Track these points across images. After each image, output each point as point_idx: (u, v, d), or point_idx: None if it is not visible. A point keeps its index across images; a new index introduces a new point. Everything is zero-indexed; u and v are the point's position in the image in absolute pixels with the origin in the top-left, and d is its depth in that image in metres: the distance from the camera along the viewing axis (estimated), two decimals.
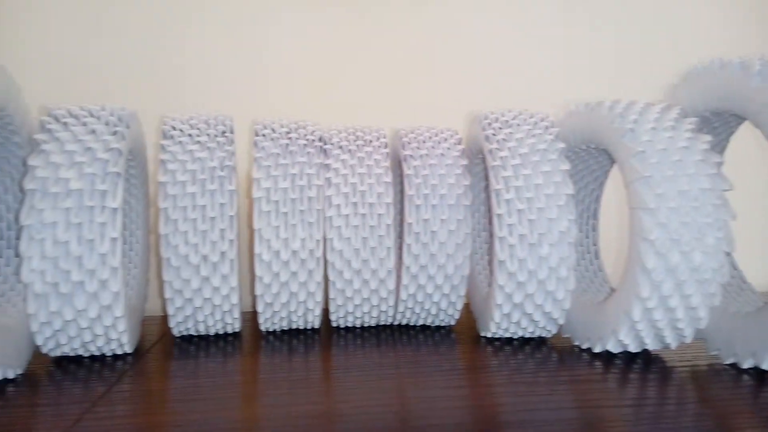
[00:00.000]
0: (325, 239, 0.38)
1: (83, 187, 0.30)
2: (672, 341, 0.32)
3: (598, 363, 0.33)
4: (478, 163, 0.44)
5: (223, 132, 0.38)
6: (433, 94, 0.56)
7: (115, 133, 0.32)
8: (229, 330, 0.40)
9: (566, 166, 0.34)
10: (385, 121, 0.45)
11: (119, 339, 0.33)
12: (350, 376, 0.33)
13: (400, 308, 0.40)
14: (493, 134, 0.36)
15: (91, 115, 0.33)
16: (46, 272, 0.30)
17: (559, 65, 0.57)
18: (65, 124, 0.31)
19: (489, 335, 0.38)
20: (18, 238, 0.35)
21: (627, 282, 0.30)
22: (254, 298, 0.38)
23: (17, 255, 0.35)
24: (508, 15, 0.58)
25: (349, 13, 0.56)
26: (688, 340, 0.32)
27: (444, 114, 0.49)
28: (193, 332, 0.39)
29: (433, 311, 0.40)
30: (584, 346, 0.35)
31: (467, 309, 0.45)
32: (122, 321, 0.32)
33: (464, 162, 0.39)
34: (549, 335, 0.39)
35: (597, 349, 0.34)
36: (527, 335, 0.38)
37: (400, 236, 0.44)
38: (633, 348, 0.33)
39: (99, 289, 0.30)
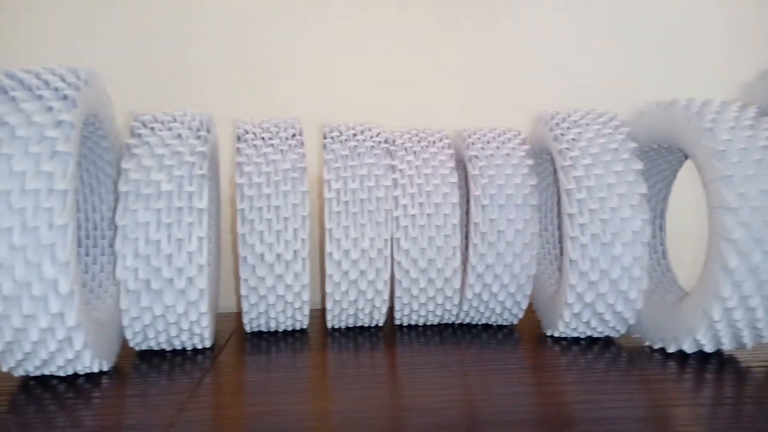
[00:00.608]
0: (392, 239, 0.39)
1: (172, 189, 0.32)
2: (749, 341, 0.32)
3: (671, 363, 0.34)
4: (540, 162, 0.44)
5: (293, 135, 0.40)
6: (494, 94, 0.57)
7: (198, 137, 0.34)
8: (298, 326, 0.42)
9: (639, 165, 0.34)
10: (443, 123, 0.46)
11: (202, 334, 0.35)
12: (416, 373, 0.35)
13: (465, 307, 0.41)
14: (562, 134, 0.37)
15: (175, 120, 0.35)
16: (138, 269, 0.32)
17: (562, 66, 0.57)
18: (152, 129, 0.33)
19: (556, 334, 0.39)
20: (104, 237, 0.38)
21: (706, 281, 0.30)
22: (323, 295, 0.40)
23: (104, 253, 0.38)
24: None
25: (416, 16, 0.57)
26: (766, 340, 0.32)
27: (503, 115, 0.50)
28: (264, 328, 0.41)
29: (498, 310, 0.41)
30: (656, 347, 0.36)
31: (529, 308, 0.45)
32: (206, 317, 0.34)
33: (530, 162, 0.40)
34: (617, 335, 0.39)
35: (671, 350, 0.34)
36: (595, 335, 0.39)
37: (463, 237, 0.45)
38: (709, 348, 0.33)
39: (187, 286, 0.32)
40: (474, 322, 0.43)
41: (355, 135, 0.41)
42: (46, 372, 0.30)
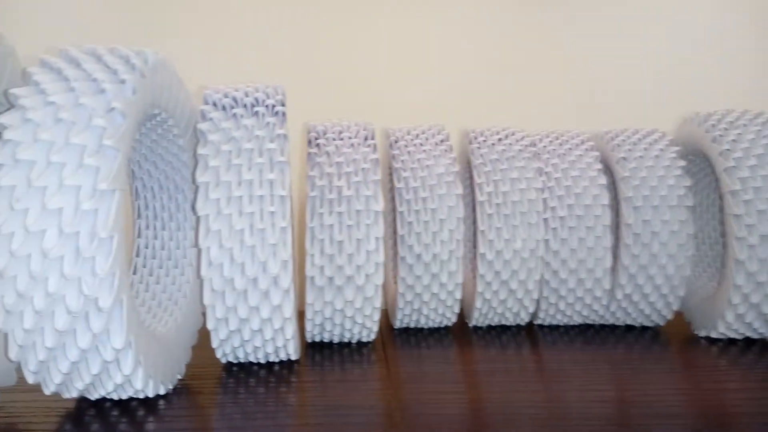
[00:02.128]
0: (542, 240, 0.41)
1: (253, 178, 0.30)
2: None
3: None
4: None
5: (442, 140, 0.43)
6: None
7: (276, 112, 0.33)
8: (445, 323, 0.45)
9: None
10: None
11: (286, 346, 0.34)
12: (564, 370, 0.37)
13: (612, 307, 0.43)
14: (721, 135, 0.38)
15: (246, 96, 0.33)
16: (223, 266, 0.30)
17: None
18: (224, 108, 0.32)
19: (713, 335, 0.40)
20: (179, 247, 0.37)
21: None
22: (474, 294, 0.43)
23: (176, 265, 0.37)
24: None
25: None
26: None
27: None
28: (413, 325, 0.45)
29: (647, 311, 0.42)
30: None
31: None
32: (291, 324, 0.33)
33: (682, 163, 0.41)
34: None
35: None
36: (755, 336, 0.39)
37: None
38: None
39: (271, 285, 0.31)
40: (619, 323, 0.45)
41: (500, 139, 0.43)
42: (98, 395, 0.28)
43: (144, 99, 0.26)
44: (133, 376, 0.26)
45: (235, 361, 0.35)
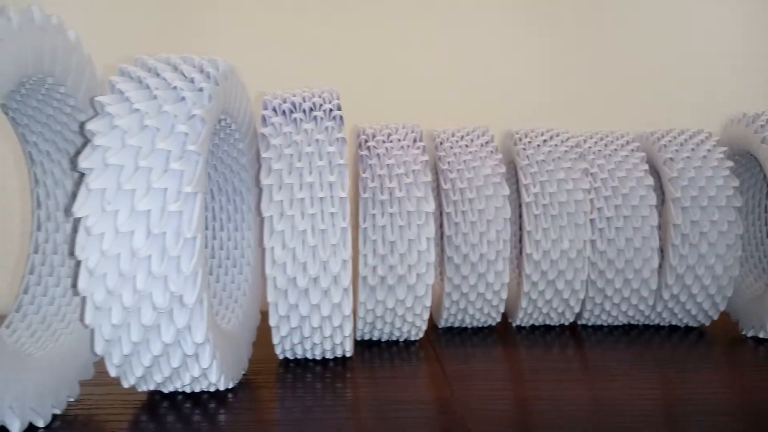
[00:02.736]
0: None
1: (314, 180, 0.32)
2: None
3: None
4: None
5: (487, 141, 0.44)
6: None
7: (334, 117, 0.34)
8: (489, 323, 0.46)
9: None
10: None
11: (343, 343, 0.36)
12: (609, 369, 0.38)
13: (658, 308, 0.44)
14: None
15: (305, 101, 0.35)
16: (286, 265, 0.32)
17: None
18: (285, 113, 0.34)
19: (761, 335, 0.40)
20: (236, 247, 0.39)
21: None
22: (518, 294, 0.44)
23: (235, 265, 0.38)
24: None
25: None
26: None
27: None
28: (457, 324, 0.46)
29: (693, 311, 0.43)
30: None
31: None
32: (349, 321, 0.34)
33: (730, 164, 0.41)
34: None
35: None
36: None
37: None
38: None
39: (331, 284, 0.32)
40: (664, 323, 0.45)
41: (545, 141, 0.44)
42: (173, 388, 0.29)
43: (218, 105, 0.28)
44: (209, 369, 0.27)
45: (291, 358, 0.37)
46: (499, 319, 0.45)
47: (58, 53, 0.26)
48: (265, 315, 0.38)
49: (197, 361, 0.27)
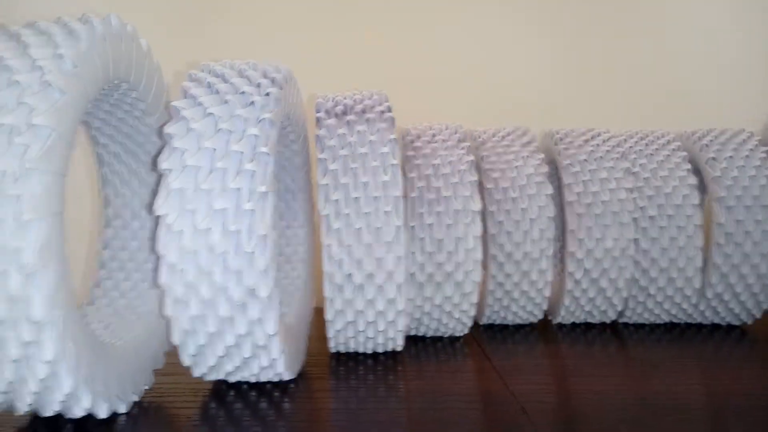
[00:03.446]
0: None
1: (368, 180, 0.33)
2: None
3: None
4: None
5: (529, 141, 0.46)
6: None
7: (386, 119, 0.36)
8: (530, 320, 0.47)
9: None
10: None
11: (395, 338, 0.37)
12: (653, 366, 0.39)
13: (702, 306, 0.44)
14: None
15: (356, 103, 0.36)
16: (343, 261, 0.34)
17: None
18: (337, 114, 0.35)
19: None
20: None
21: None
22: (560, 292, 0.45)
23: (289, 262, 0.40)
24: None
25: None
26: None
27: None
28: (498, 321, 0.47)
29: (736, 310, 0.44)
30: None
31: None
32: (402, 316, 0.36)
33: None
34: None
35: None
36: None
37: None
38: None
39: (386, 280, 0.34)
40: (706, 322, 0.46)
41: (586, 140, 0.46)
42: (239, 378, 0.31)
43: (283, 109, 0.30)
44: (278, 360, 0.29)
45: (343, 351, 0.39)
46: (540, 317, 0.47)
47: (132, 60, 0.28)
48: (317, 310, 0.40)
49: (267, 351, 0.29)
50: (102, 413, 0.26)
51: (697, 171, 0.45)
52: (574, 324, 0.48)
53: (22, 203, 0.21)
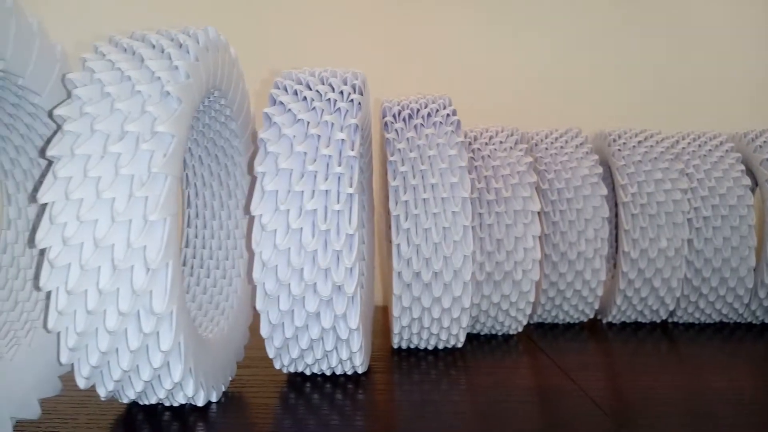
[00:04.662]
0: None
1: (437, 182, 0.35)
2: None
3: None
4: None
5: (582, 143, 0.47)
6: None
7: (452, 122, 0.38)
8: (581, 319, 0.49)
9: None
10: None
11: (458, 334, 0.40)
12: (705, 364, 0.40)
13: (753, 306, 0.46)
14: None
15: (422, 107, 0.39)
16: (411, 260, 0.36)
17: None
18: (405, 119, 0.38)
19: None
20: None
21: None
22: (611, 291, 0.47)
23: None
24: None
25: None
26: None
27: None
28: (549, 320, 0.49)
29: None
30: None
31: None
32: (466, 313, 0.38)
33: None
34: None
35: None
36: None
37: None
38: None
39: (453, 278, 0.36)
40: (756, 321, 0.47)
41: (640, 142, 0.47)
42: (317, 370, 0.34)
43: (363, 116, 0.32)
44: (357, 353, 0.31)
45: (405, 347, 0.41)
46: (591, 316, 0.48)
47: (225, 68, 0.31)
48: (379, 309, 0.42)
49: (348, 345, 0.31)
50: (200, 401, 0.28)
51: (749, 172, 0.46)
52: (623, 323, 0.49)
53: (148, 205, 0.23)
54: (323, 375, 0.35)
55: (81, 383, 0.25)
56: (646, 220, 0.45)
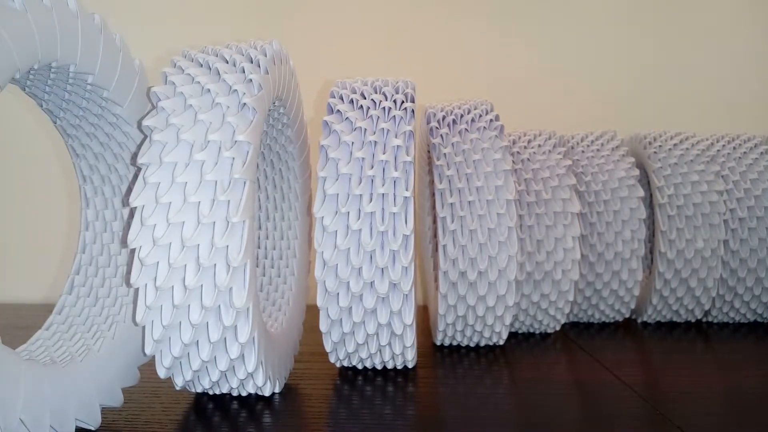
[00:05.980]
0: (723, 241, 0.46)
1: (482, 185, 0.38)
2: None
3: None
4: None
5: (618, 146, 0.49)
6: None
7: (495, 127, 0.40)
8: (616, 318, 0.51)
9: None
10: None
11: (500, 332, 0.42)
12: (740, 362, 0.42)
13: None
14: None
15: (465, 113, 0.41)
16: (457, 260, 0.38)
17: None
18: (449, 124, 0.40)
19: None
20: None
21: None
22: (647, 291, 0.49)
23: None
24: None
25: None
26: None
27: None
28: (585, 319, 0.51)
29: None
30: None
31: None
32: (510, 312, 0.40)
33: None
34: None
35: None
36: None
37: None
38: None
39: (498, 278, 0.38)
40: None
41: (676, 144, 0.49)
42: (368, 365, 0.37)
43: (416, 122, 0.34)
44: (409, 348, 0.34)
45: (447, 344, 0.43)
46: (627, 315, 0.50)
47: (286, 79, 0.33)
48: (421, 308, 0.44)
49: (402, 340, 0.33)
50: (267, 391, 0.31)
51: None
52: (658, 322, 0.51)
53: (230, 208, 0.25)
54: (373, 369, 0.38)
55: (161, 373, 0.28)
56: (682, 222, 0.46)
